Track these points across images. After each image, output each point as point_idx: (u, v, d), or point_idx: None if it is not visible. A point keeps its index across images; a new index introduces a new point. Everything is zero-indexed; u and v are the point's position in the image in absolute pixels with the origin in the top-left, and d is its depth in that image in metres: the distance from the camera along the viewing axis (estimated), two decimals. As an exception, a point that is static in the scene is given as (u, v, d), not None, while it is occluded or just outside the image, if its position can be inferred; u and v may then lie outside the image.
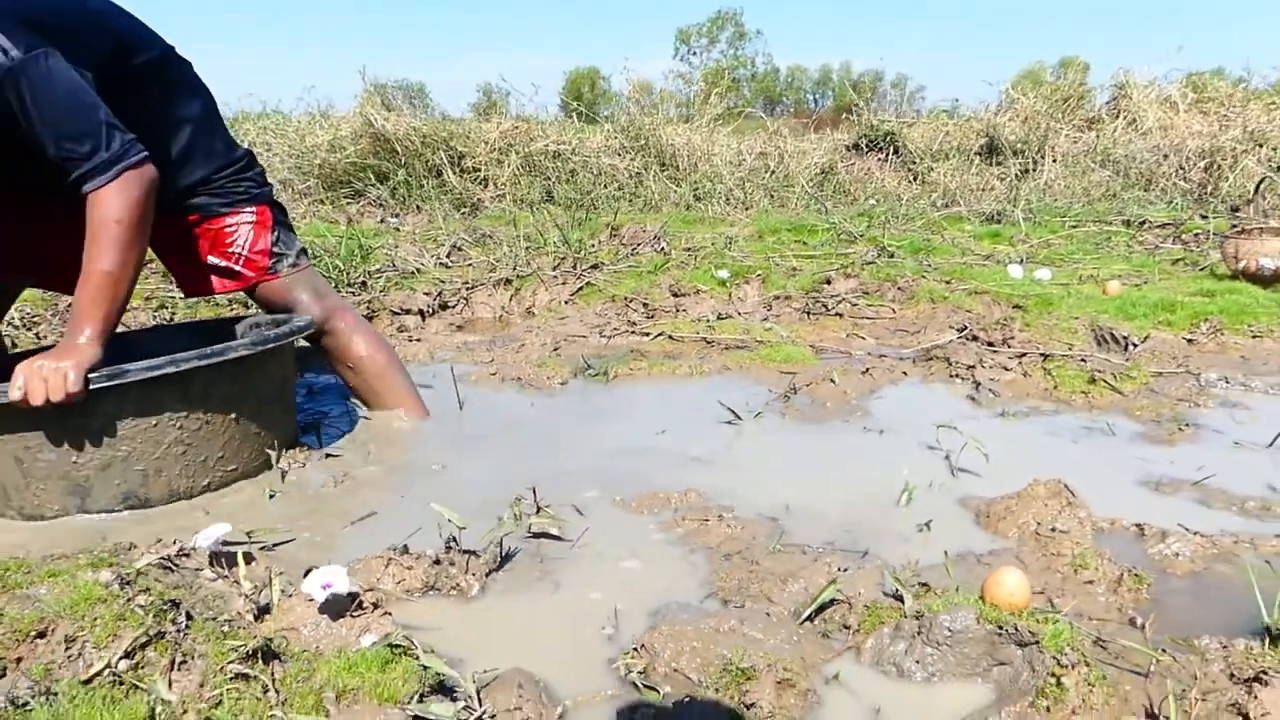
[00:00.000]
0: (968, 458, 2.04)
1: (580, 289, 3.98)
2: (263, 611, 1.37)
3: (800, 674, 1.22)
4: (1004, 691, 1.20)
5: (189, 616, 1.26)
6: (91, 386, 1.67)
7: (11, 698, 1.03)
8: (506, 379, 2.77)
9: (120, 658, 1.14)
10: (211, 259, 2.15)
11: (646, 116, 8.26)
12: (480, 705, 1.13)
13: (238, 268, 2.16)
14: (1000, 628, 1.24)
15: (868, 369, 2.75)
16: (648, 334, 3.29)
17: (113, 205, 1.74)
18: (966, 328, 3.16)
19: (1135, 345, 2.98)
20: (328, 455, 2.10)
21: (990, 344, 3.01)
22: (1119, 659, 1.28)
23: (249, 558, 1.54)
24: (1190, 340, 3.12)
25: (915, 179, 8.14)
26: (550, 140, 8.07)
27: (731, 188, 7.40)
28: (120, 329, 2.00)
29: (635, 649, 1.30)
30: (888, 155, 8.44)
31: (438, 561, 1.53)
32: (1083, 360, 2.78)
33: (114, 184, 1.74)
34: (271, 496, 1.87)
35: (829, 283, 3.98)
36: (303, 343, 2.20)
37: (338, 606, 1.32)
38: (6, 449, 1.72)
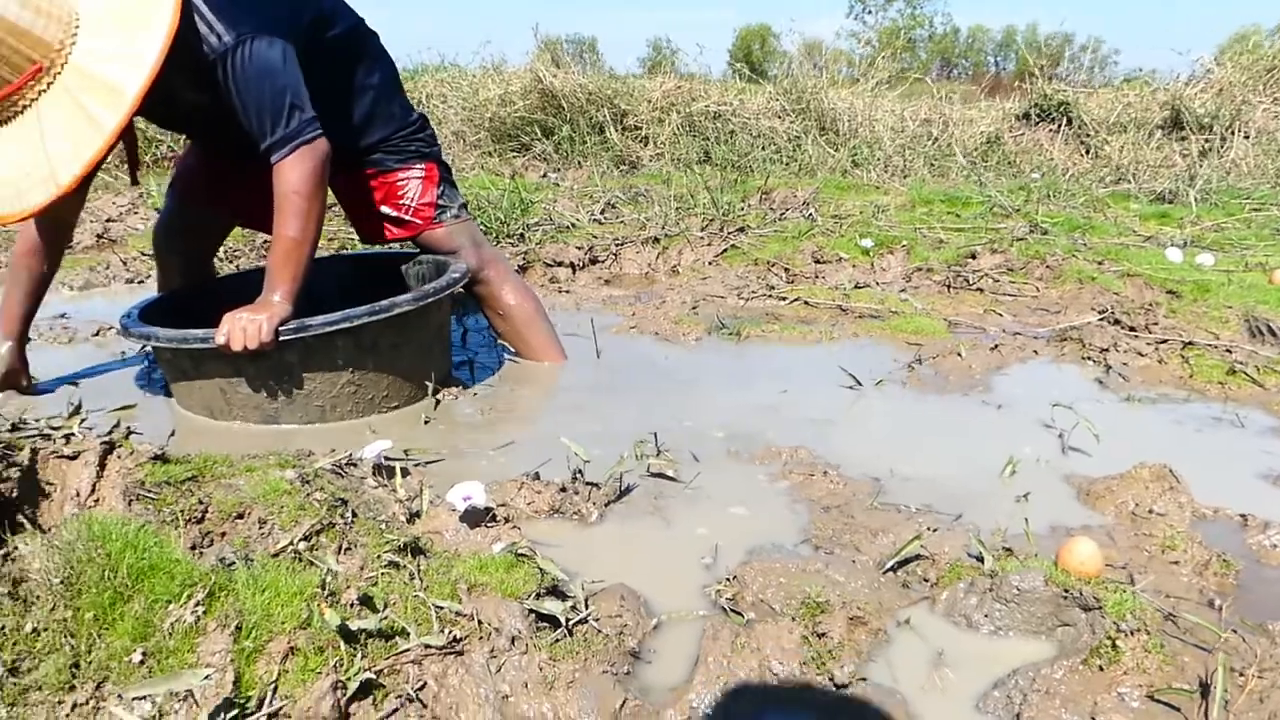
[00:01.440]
0: (1081, 437, 2.08)
1: (725, 251, 4.11)
2: (413, 516, 1.61)
3: (874, 615, 1.35)
4: (1063, 649, 1.30)
5: (354, 513, 1.50)
6: (279, 338, 1.96)
7: (221, 558, 1.28)
8: (644, 332, 2.96)
9: (300, 539, 1.38)
10: (384, 209, 2.42)
11: (809, 79, 8.22)
12: (586, 608, 1.31)
13: (407, 217, 2.42)
14: (1066, 591, 1.33)
15: (997, 345, 2.78)
16: (784, 298, 3.40)
17: (291, 177, 2.01)
18: (1109, 310, 3.12)
19: (1291, 339, 2.88)
20: (476, 392, 2.34)
21: (1132, 328, 2.97)
22: (1186, 634, 1.35)
23: (405, 471, 1.78)
24: (1357, 338, 2.98)
25: (1087, 152, 7.80)
26: (711, 101, 8.16)
27: (891, 155, 7.31)
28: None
29: (728, 579, 1.46)
30: (1060, 126, 8.11)
31: (564, 489, 1.73)
32: (1227, 350, 2.72)
33: (291, 158, 2.01)
34: (426, 422, 2.12)
35: (974, 257, 3.96)
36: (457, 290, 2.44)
37: (475, 517, 1.54)
38: (214, 382, 2.05)
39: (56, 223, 2.19)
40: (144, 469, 1.58)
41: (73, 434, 1.78)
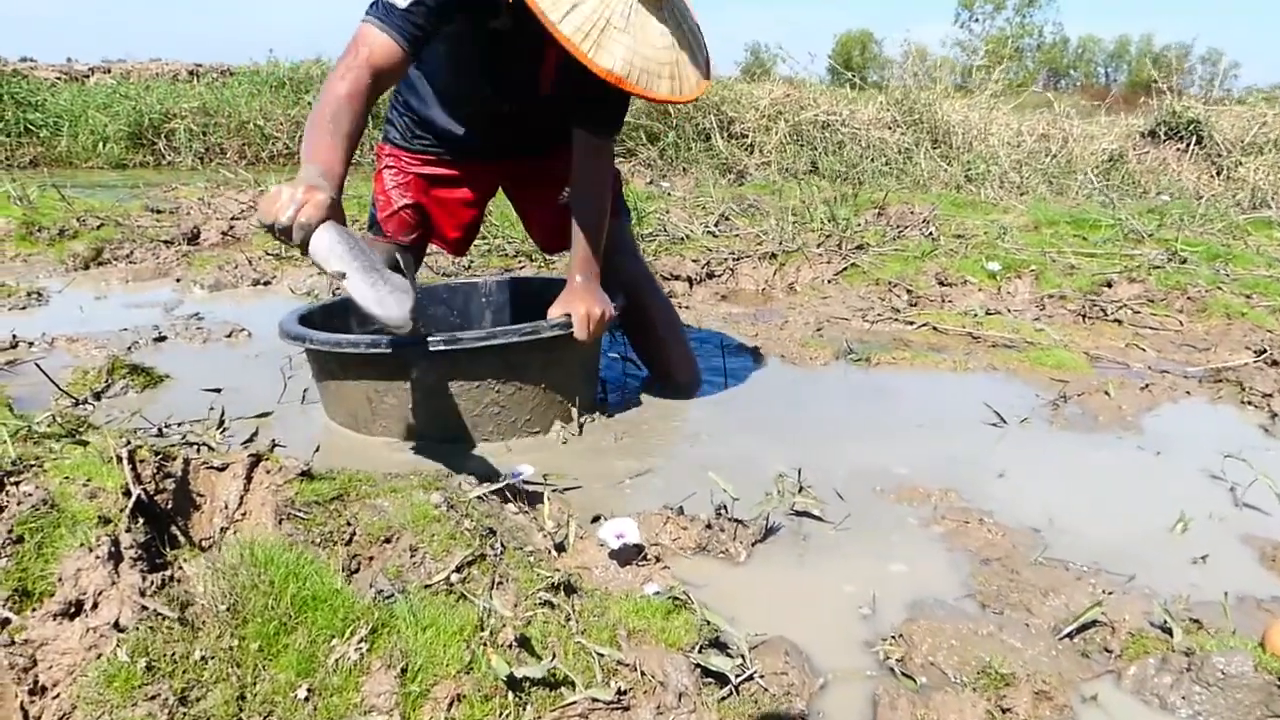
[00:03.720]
0: (1256, 493, 1.93)
1: (844, 269, 4.00)
2: (558, 548, 1.56)
3: (1058, 688, 1.26)
4: (1276, 743, 1.18)
5: (503, 544, 1.46)
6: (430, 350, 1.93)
7: (380, 590, 1.26)
8: (770, 354, 2.88)
9: (453, 571, 1.35)
10: (565, 195, 2.36)
11: (924, 90, 8.01)
12: (750, 663, 1.25)
13: None
14: (1280, 679, 1.22)
15: (1147, 384, 2.62)
16: (911, 323, 3.28)
17: (608, 165, 2.20)
18: (1266, 350, 2.93)
19: None
20: (610, 414, 2.29)
21: (1293, 371, 2.77)
22: None
23: (543, 498, 1.74)
24: None
25: (1219, 174, 7.44)
26: (821, 110, 8.02)
27: (1007, 170, 7.06)
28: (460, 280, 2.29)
29: (893, 637, 1.38)
30: (1188, 146, 7.74)
31: (709, 526, 1.66)
32: (1405, 401, 2.52)
33: (608, 146, 2.19)
34: (564, 443, 2.08)
35: (1110, 285, 3.77)
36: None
37: (626, 555, 1.49)
38: (361, 390, 2.03)
39: (381, 86, 1.90)
40: (293, 486, 1.56)
41: (216, 445, 1.80)
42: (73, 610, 1.15)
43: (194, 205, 5.09)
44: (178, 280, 3.72)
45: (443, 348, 1.93)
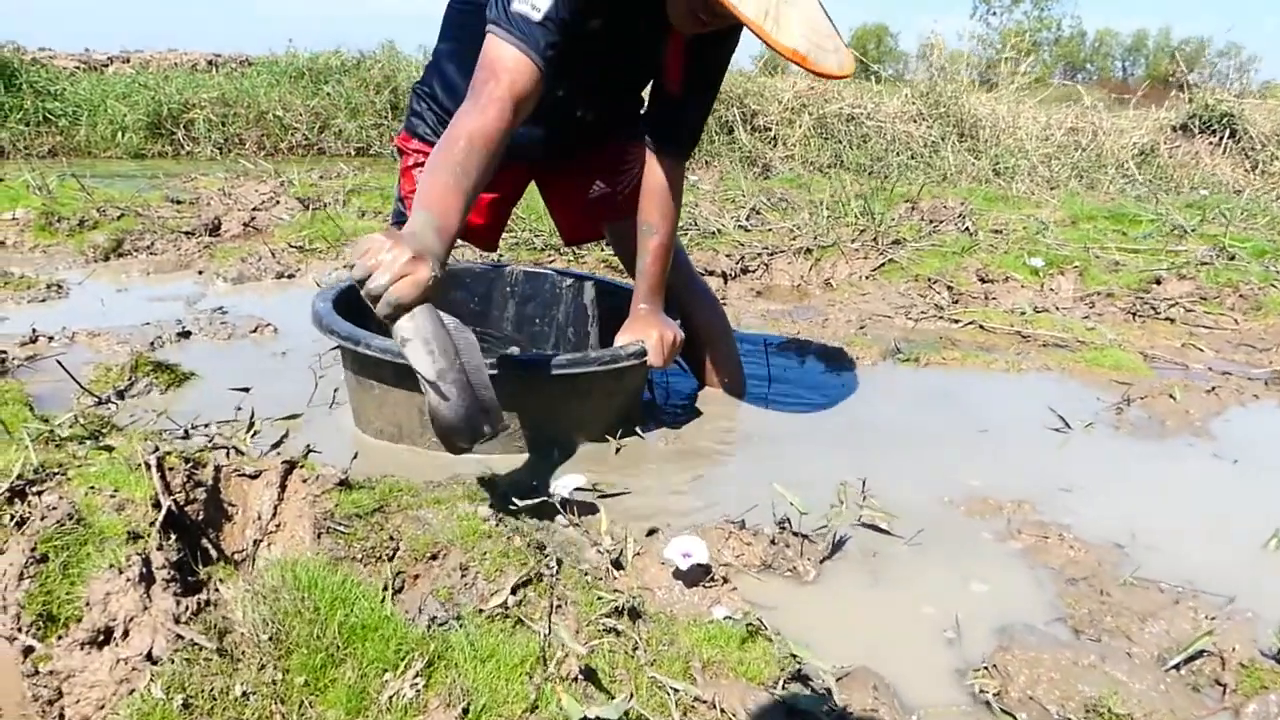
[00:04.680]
0: (1347, 507, 1.82)
1: (881, 265, 3.87)
2: (615, 565, 1.46)
3: (1174, 729, 1.15)
4: None
5: (559, 562, 1.36)
6: (496, 371, 1.76)
7: (432, 617, 1.15)
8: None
9: (509, 593, 1.25)
10: (599, 184, 2.24)
11: (949, 83, 7.86)
12: (838, 701, 1.14)
13: (620, 195, 2.21)
14: None
15: (1213, 387, 2.50)
16: (957, 321, 3.16)
17: (680, 184, 2.08)
18: (1333, 352, 2.81)
19: None
20: (659, 417, 2.17)
21: (1363, 374, 2.65)
22: None
23: (595, 508, 1.63)
24: None
25: (1254, 168, 7.27)
26: (846, 103, 7.88)
27: (1036, 164, 6.91)
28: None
29: (986, 667, 1.27)
30: (1222, 139, 7.57)
31: (773, 541, 1.56)
32: None
33: (681, 162, 2.08)
34: (617, 451, 1.96)
35: (1159, 283, 3.64)
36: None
37: (693, 576, 1.38)
38: (414, 401, 1.86)
39: (520, 119, 1.66)
40: (331, 497, 1.47)
41: (246, 450, 1.69)
42: (102, 638, 1.06)
43: (214, 196, 4.99)
44: (200, 273, 3.62)
45: (521, 370, 1.83)
